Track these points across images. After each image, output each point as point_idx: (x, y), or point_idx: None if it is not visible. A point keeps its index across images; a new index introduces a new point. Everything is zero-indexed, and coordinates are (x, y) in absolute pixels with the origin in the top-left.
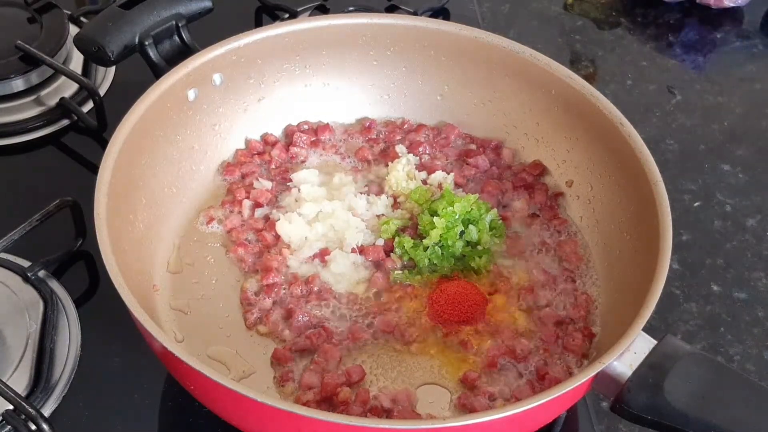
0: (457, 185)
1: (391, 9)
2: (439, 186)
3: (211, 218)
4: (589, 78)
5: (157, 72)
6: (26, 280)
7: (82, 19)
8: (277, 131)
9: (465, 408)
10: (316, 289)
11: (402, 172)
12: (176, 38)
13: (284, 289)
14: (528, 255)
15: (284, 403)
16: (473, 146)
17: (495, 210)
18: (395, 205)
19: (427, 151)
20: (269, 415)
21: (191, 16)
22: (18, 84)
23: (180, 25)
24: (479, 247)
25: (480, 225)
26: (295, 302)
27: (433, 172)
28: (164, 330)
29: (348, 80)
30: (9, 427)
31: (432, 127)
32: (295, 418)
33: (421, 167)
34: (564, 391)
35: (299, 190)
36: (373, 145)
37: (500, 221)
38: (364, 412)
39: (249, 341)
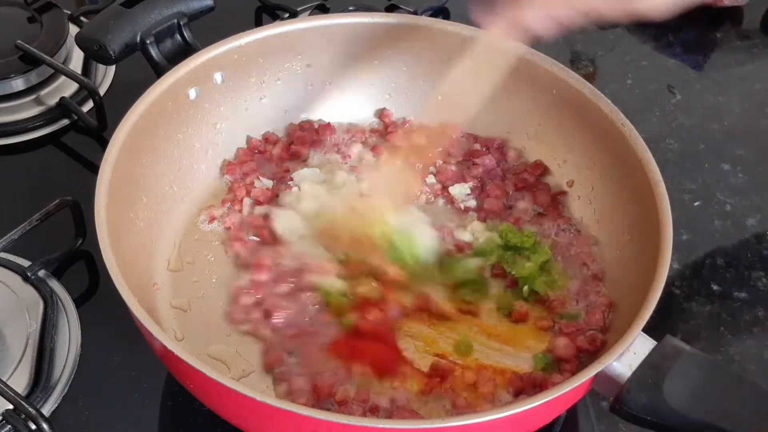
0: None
1: (391, 9)
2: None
3: (212, 217)
4: (589, 78)
5: (159, 70)
6: (26, 279)
7: (82, 18)
8: (278, 130)
9: (465, 407)
10: (304, 286)
11: None
12: (178, 37)
13: (271, 287)
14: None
15: (284, 402)
16: (477, 146)
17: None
18: None
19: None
20: (269, 414)
21: (193, 14)
22: (18, 84)
23: (181, 23)
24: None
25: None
26: (278, 300)
27: (447, 178)
28: (164, 329)
29: (348, 79)
30: (9, 426)
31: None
32: (295, 417)
33: (437, 174)
34: (564, 391)
35: (300, 188)
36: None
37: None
38: (364, 411)
39: (249, 340)
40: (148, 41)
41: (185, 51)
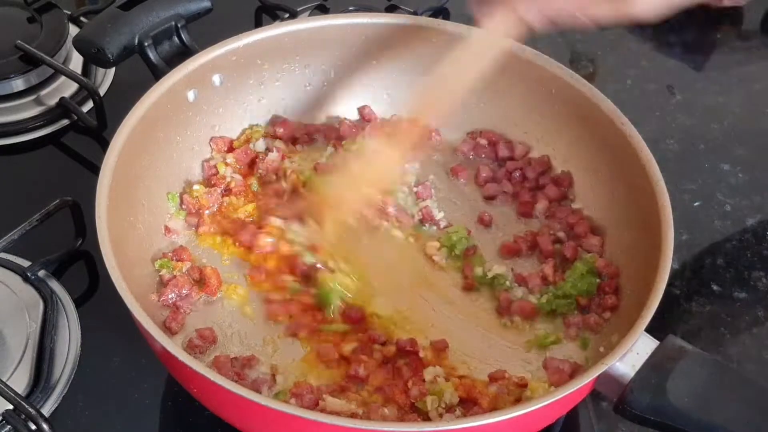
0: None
1: (391, 9)
2: None
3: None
4: (589, 78)
5: (157, 73)
6: (26, 280)
7: (82, 19)
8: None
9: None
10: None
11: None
12: (176, 39)
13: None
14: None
15: (285, 405)
16: (483, 141)
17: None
18: None
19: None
20: (271, 417)
21: (190, 16)
22: (18, 84)
23: (179, 25)
24: None
25: None
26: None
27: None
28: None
29: (346, 80)
30: (9, 426)
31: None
32: (296, 420)
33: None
34: (567, 393)
35: None
36: None
37: None
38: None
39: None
40: (146, 44)
41: (183, 53)
